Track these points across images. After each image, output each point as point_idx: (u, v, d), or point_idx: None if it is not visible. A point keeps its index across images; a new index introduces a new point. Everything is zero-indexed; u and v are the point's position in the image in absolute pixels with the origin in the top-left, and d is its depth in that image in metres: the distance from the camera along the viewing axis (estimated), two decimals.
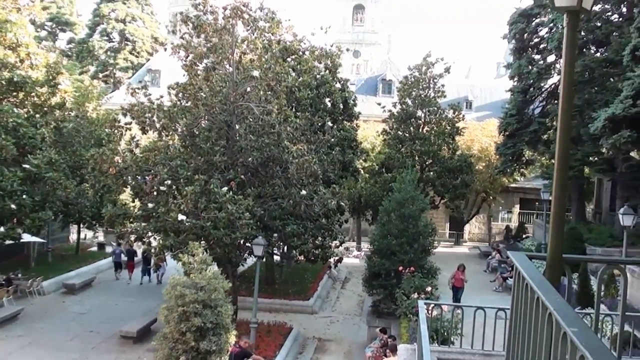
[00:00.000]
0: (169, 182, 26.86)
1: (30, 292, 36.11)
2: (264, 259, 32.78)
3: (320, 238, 32.22)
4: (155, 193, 27.36)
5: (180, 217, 25.56)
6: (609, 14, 43.06)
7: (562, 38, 6.20)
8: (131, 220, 29.15)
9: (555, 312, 4.19)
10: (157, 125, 29.10)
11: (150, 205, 27.23)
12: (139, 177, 28.11)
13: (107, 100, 54.25)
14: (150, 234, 28.02)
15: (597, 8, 41.13)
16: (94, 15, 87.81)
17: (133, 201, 31.53)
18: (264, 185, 29.77)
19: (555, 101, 45.61)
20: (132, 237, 28.93)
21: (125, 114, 29.46)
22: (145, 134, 30.02)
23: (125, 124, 30.56)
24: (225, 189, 26.42)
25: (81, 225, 46.01)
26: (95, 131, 43.61)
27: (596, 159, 42.56)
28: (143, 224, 27.73)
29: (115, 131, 32.09)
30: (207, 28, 29.25)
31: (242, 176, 28.71)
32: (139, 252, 39.42)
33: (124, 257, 42.73)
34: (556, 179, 5.80)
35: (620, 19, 42.37)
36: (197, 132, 28.81)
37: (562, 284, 7.60)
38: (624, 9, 41.61)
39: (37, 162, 33.06)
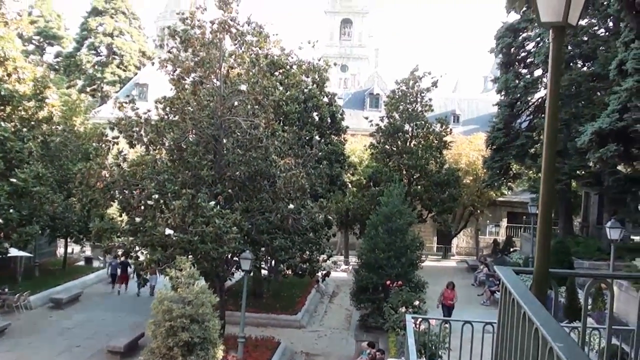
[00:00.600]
0: (157, 196, 26.79)
1: (17, 306, 35.90)
2: (252, 273, 32.71)
3: (307, 252, 32.19)
4: (142, 207, 27.31)
5: (168, 231, 25.50)
6: (596, 28, 43.31)
7: (549, 52, 6.23)
8: (118, 234, 29.06)
9: (542, 327, 4.19)
10: (145, 140, 29.06)
11: (137, 219, 27.18)
12: (127, 192, 28.03)
13: (95, 114, 54.06)
14: (137, 248, 27.94)
15: (583, 23, 41.36)
16: (82, 29, 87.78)
17: (120, 215, 31.45)
18: (251, 199, 29.74)
19: (542, 115, 45.77)
20: (120, 252, 28.85)
21: (112, 128, 29.42)
22: (133, 148, 29.99)
23: (113, 138, 30.49)
24: (212, 203, 26.37)
25: (68, 240, 45.82)
26: (83, 145, 43.51)
27: (583, 172, 42.70)
28: (130, 239, 27.63)
29: (103, 145, 31.99)
30: (194, 42, 29.28)
31: (230, 190, 28.68)
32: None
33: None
34: (542, 195, 5.81)
35: (607, 33, 42.62)
36: (184, 146, 28.76)
37: (549, 297, 7.62)
38: (611, 24, 41.86)
39: (25, 176, 32.95)
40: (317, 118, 40.86)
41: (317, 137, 38.57)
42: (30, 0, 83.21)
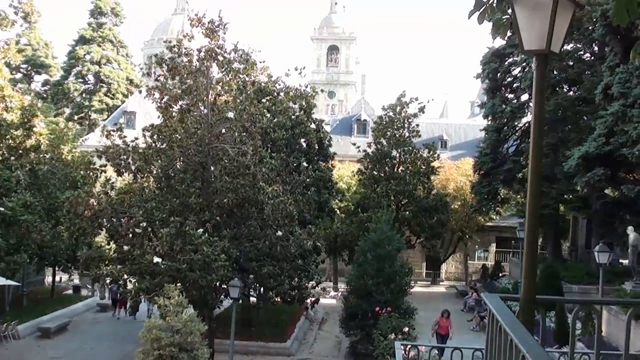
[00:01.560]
0: (144, 224, 26.79)
1: (5, 336, 35.60)
2: (241, 301, 32.61)
3: (296, 279, 32.16)
4: (130, 235, 27.28)
5: (156, 259, 25.46)
6: (581, 53, 43.65)
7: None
8: (107, 262, 28.98)
9: (528, 355, 4.21)
10: (132, 168, 29.07)
11: (125, 247, 27.13)
12: (114, 220, 28.02)
13: (83, 143, 54.01)
14: (125, 276, 27.86)
15: (569, 47, 41.70)
16: (69, 58, 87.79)
17: (108, 244, 31.35)
18: (239, 226, 29.73)
19: (529, 140, 45.98)
20: (108, 280, 28.75)
21: (100, 156, 29.43)
22: (121, 176, 29.97)
23: (101, 166, 30.49)
24: (200, 230, 26.35)
25: (56, 268, 45.58)
26: (71, 173, 43.37)
27: (571, 196, 42.85)
28: (119, 267, 27.58)
29: (91, 173, 31.95)
30: (181, 70, 29.38)
31: (218, 218, 28.68)
32: None
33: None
34: (528, 223, 5.85)
35: (592, 57, 42.98)
36: (172, 174, 28.78)
37: (538, 322, 7.62)
38: (596, 48, 42.22)
39: (12, 204, 32.85)
40: (304, 144, 40.92)
41: (304, 164, 38.63)
42: (18, 29, 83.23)
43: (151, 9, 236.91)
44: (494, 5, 6.84)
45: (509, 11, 6.52)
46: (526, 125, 47.53)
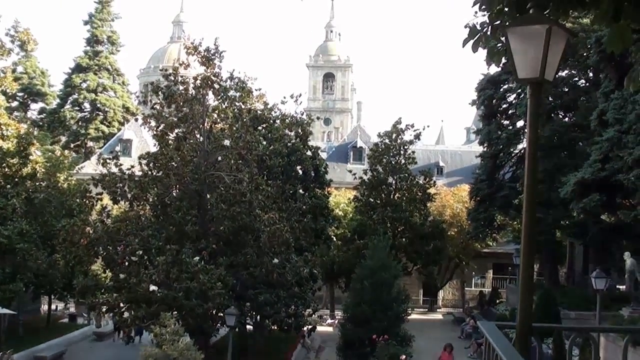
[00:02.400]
0: (141, 252, 26.78)
1: None
2: (237, 329, 32.48)
3: (293, 307, 32.05)
4: (126, 263, 27.27)
5: (152, 287, 25.42)
6: (576, 79, 43.81)
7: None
8: (103, 291, 28.90)
9: None
10: (129, 196, 29.09)
11: (121, 275, 27.10)
12: (110, 248, 27.99)
13: (79, 171, 53.93)
14: (122, 305, 27.77)
15: (563, 74, 41.85)
16: (66, 86, 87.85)
17: (104, 272, 31.34)
18: (236, 254, 29.68)
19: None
20: (104, 309, 28.67)
21: (96, 184, 29.47)
22: (117, 204, 29.99)
23: (97, 194, 30.52)
24: (197, 258, 26.33)
25: (52, 297, 45.38)
26: (67, 202, 43.27)
27: (567, 222, 42.78)
28: (115, 295, 27.47)
29: (87, 201, 31.99)
30: (177, 98, 29.49)
31: (214, 245, 28.67)
32: None
33: None
34: (523, 250, 5.87)
35: (587, 84, 43.12)
36: (168, 202, 28.79)
37: (535, 349, 7.61)
38: (591, 74, 42.33)
39: (8, 233, 32.78)
40: (300, 172, 40.97)
41: (301, 191, 38.65)
42: (14, 57, 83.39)
43: (148, 37, 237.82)
44: (488, 33, 6.90)
45: (503, 39, 6.58)
46: (522, 151, 47.53)
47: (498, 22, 6.84)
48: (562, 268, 54.46)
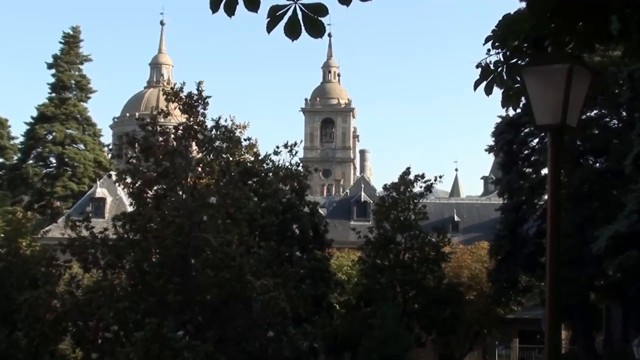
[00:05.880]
0: (116, 327, 26.67)
1: None
2: None
3: None
4: (99, 341, 27.12)
5: None
6: (607, 119, 43.93)
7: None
8: None
9: None
10: (101, 263, 29.06)
11: (94, 355, 26.97)
12: (81, 323, 27.88)
13: (44, 235, 53.93)
14: None
15: (592, 113, 42.00)
16: (28, 138, 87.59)
17: (74, 351, 31.19)
18: (225, 327, 29.56)
19: None
20: None
21: (64, 250, 29.44)
22: (88, 272, 29.95)
23: (65, 261, 30.48)
24: (180, 333, 26.24)
25: None
26: (30, 271, 43.16)
27: (602, 282, 42.65)
28: None
29: (53, 270, 31.91)
30: (156, 151, 29.61)
31: (200, 317, 28.57)
32: None
33: None
34: (548, 320, 5.92)
35: (620, 124, 43.20)
36: (147, 269, 28.76)
37: None
38: (624, 113, 42.39)
39: None
40: (297, 231, 41.02)
41: (298, 253, 38.66)
42: None
43: (122, 81, 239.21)
44: (503, 73, 6.99)
45: (519, 78, 6.65)
46: (548, 202, 47.55)
47: (514, 60, 6.93)
48: (598, 335, 54.21)
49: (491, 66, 6.98)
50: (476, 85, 7.02)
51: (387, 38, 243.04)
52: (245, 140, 34.87)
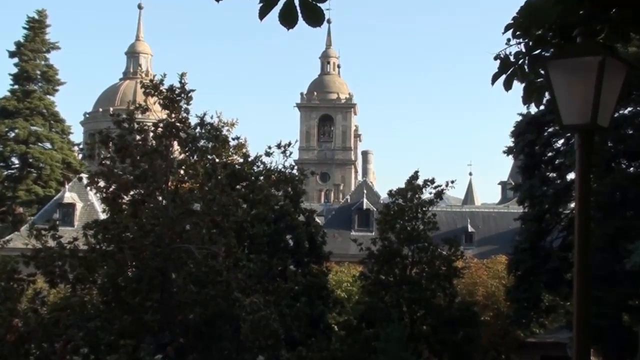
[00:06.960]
0: (86, 349, 26.64)
1: None
2: None
3: None
4: None
5: None
6: None
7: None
8: None
9: None
10: (70, 277, 29.02)
11: None
12: (46, 345, 27.85)
13: (4, 245, 53.97)
14: None
15: (626, 111, 41.86)
16: None
17: None
18: (209, 349, 29.57)
19: None
20: None
21: (27, 262, 29.37)
22: (55, 287, 29.93)
23: (28, 275, 30.42)
24: (159, 357, 26.23)
25: None
26: None
27: (637, 302, 42.64)
28: None
29: (15, 285, 31.84)
30: (133, 151, 29.58)
31: (182, 339, 28.55)
32: None
33: None
34: (576, 344, 5.94)
35: None
36: (122, 284, 28.75)
37: None
38: None
39: None
40: (291, 242, 41.03)
41: (292, 267, 38.65)
42: None
43: (95, 72, 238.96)
44: (524, 66, 6.97)
45: (543, 72, 6.62)
46: (574, 211, 47.48)
47: (537, 51, 6.91)
48: None
49: (511, 58, 6.96)
50: (494, 78, 7.01)
51: (392, 25, 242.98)
52: (233, 139, 34.86)
